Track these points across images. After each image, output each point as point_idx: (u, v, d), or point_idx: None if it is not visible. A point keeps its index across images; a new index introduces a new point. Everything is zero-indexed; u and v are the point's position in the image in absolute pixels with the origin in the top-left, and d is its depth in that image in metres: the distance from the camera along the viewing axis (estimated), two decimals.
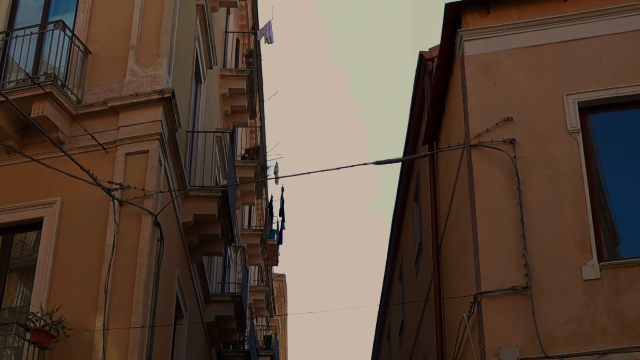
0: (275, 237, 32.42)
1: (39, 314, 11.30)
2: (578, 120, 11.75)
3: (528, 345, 10.75)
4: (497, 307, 11.05)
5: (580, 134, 11.70)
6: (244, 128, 26.66)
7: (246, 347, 22.24)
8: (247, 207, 29.11)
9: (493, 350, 10.82)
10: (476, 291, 11.32)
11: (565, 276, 11.00)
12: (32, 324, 11.24)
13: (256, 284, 30.96)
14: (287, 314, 42.79)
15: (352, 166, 12.41)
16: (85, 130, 12.62)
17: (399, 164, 20.20)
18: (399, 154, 21.53)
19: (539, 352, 10.67)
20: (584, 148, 11.65)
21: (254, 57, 23.21)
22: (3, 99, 12.06)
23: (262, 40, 25.19)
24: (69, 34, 13.21)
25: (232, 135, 22.15)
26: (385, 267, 24.46)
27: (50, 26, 13.40)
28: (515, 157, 11.70)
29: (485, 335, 10.95)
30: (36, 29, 13.55)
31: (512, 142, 11.82)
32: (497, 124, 11.96)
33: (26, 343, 11.28)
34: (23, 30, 13.47)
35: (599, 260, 11.02)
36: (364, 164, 12.46)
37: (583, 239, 11.15)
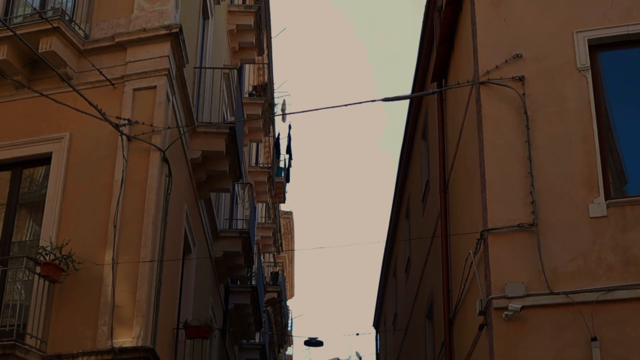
0: (283, 174, 32.50)
1: (48, 248, 11.40)
2: (588, 57, 11.67)
3: (534, 282, 10.83)
4: (503, 243, 11.11)
5: (590, 71, 11.62)
6: (251, 65, 26.55)
7: (253, 282, 22.43)
8: (254, 145, 29.13)
9: (499, 286, 10.91)
10: (483, 228, 11.37)
11: (572, 213, 11.03)
12: (42, 258, 11.34)
13: (263, 221, 31.11)
14: (294, 249, 43.02)
15: (359, 103, 12.38)
16: (93, 66, 12.59)
17: (407, 102, 20.14)
18: (407, 92, 21.44)
19: (544, 288, 10.76)
20: (594, 86, 11.58)
21: None
22: (11, 33, 12.03)
23: None
24: None
25: (240, 72, 22.06)
26: (392, 204, 24.55)
27: None
28: (524, 94, 11.65)
29: (491, 272, 11.03)
30: None
31: (521, 79, 11.75)
32: (506, 61, 11.88)
33: (36, 276, 11.40)
34: None
35: (606, 198, 11.03)
36: (372, 101, 12.43)
37: (590, 176, 11.16)
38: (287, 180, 33.32)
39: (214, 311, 17.81)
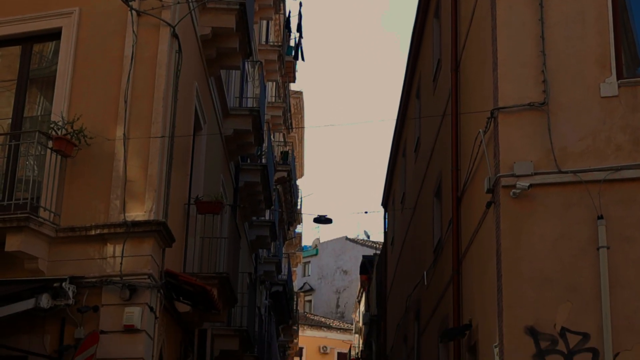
0: (293, 53, 32.25)
1: (60, 123, 11.45)
2: None
3: (542, 160, 10.89)
4: (513, 122, 11.13)
5: None
6: None
7: (264, 161, 22.56)
8: (264, 23, 28.81)
9: (507, 165, 10.98)
10: (493, 106, 11.36)
11: (583, 93, 11.01)
12: (53, 133, 11.41)
13: (273, 100, 31.04)
14: (304, 127, 43.01)
15: None
16: None
17: None
18: None
19: (552, 167, 10.82)
20: None
21: None
22: None
23: None
24: None
25: None
26: (402, 84, 24.46)
27: None
28: None
29: (500, 150, 11.08)
30: None
31: None
32: None
33: (48, 151, 11.49)
34: None
35: (618, 78, 10.99)
36: None
37: (603, 56, 11.08)
38: (297, 59, 33.10)
39: (225, 188, 17.97)
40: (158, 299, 11.45)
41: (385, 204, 32.29)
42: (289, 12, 31.82)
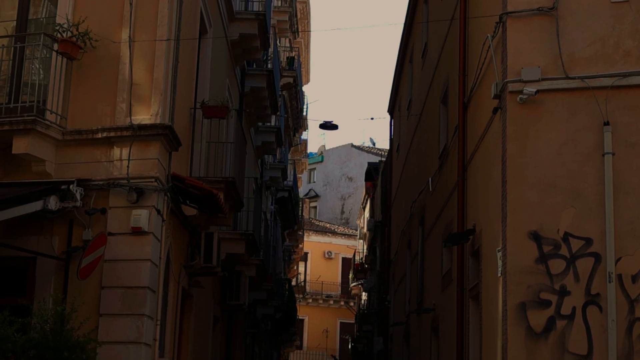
0: None
1: (65, 25, 11.38)
2: None
3: (550, 66, 10.83)
4: (522, 27, 11.03)
5: None
6: None
7: (269, 66, 22.42)
8: None
9: (515, 70, 10.92)
10: (502, 11, 11.24)
11: None
12: (59, 35, 11.34)
13: (279, 5, 30.68)
14: (310, 30, 42.58)
15: None
16: None
17: None
18: None
19: (560, 72, 10.76)
20: None
21: None
22: None
23: None
24: None
25: None
26: None
27: None
28: None
29: (508, 55, 11.01)
30: None
31: None
32: None
33: (54, 54, 11.44)
34: None
35: None
36: None
37: None
38: None
39: (230, 93, 17.93)
40: (165, 201, 11.56)
41: (391, 110, 32.20)
42: None
